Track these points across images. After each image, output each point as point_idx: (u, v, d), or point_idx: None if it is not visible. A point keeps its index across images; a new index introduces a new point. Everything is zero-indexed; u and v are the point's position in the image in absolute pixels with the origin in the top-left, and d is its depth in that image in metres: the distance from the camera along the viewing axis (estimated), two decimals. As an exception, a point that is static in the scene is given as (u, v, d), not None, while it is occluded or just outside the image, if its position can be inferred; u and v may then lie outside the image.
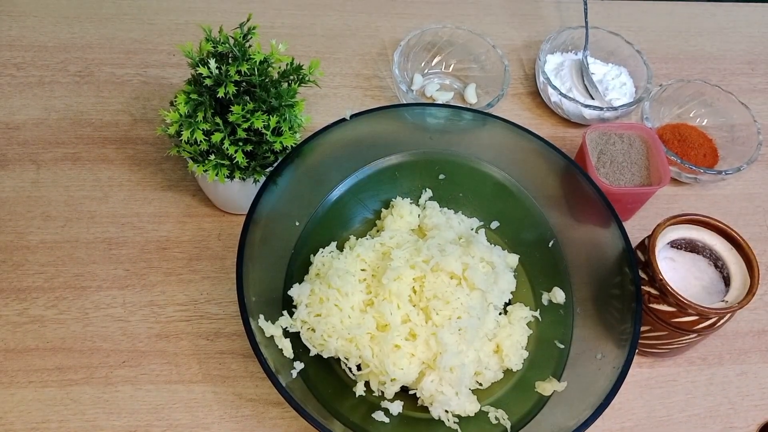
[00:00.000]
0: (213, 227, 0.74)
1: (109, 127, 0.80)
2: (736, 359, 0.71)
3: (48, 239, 0.72)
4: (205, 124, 0.62)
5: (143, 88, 0.84)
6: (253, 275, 0.59)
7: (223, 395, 0.65)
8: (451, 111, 0.70)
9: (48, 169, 0.76)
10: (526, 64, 0.94)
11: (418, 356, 0.60)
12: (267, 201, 0.62)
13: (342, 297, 0.61)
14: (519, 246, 0.72)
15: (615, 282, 0.63)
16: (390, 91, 0.88)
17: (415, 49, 0.87)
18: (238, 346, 0.67)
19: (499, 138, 0.70)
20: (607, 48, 0.90)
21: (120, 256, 0.71)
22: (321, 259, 0.66)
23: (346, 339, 0.60)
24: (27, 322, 0.67)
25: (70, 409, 0.63)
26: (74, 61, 0.85)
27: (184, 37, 0.89)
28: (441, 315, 0.61)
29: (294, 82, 0.67)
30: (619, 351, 0.58)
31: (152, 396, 0.64)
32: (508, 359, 0.63)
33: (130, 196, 0.75)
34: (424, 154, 0.72)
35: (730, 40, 1.00)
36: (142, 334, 0.67)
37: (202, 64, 0.62)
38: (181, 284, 0.70)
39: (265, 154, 0.66)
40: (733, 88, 0.91)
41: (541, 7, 1.01)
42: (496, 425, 0.60)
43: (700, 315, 0.61)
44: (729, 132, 0.85)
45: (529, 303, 0.68)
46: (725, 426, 0.67)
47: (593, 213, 0.66)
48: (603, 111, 0.83)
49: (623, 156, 0.75)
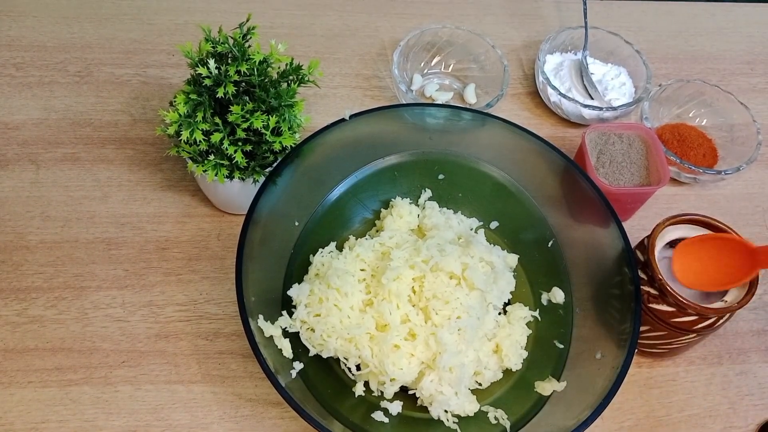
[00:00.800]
0: (212, 227, 0.74)
1: (108, 127, 0.80)
2: (736, 359, 0.71)
3: (47, 239, 0.72)
4: (205, 124, 0.63)
5: (143, 88, 0.84)
6: (252, 275, 0.59)
7: (223, 395, 0.65)
8: (451, 111, 0.71)
9: (47, 169, 0.76)
10: (525, 64, 0.94)
11: (417, 356, 0.60)
12: (266, 201, 0.62)
13: (341, 297, 0.61)
14: (518, 246, 0.72)
15: (614, 282, 0.63)
16: (389, 91, 0.88)
17: (414, 49, 0.87)
18: (237, 346, 0.67)
19: (498, 138, 0.70)
20: (607, 48, 0.91)
21: (119, 257, 0.71)
22: (320, 259, 0.66)
23: (346, 339, 0.60)
24: (26, 322, 0.67)
25: (70, 409, 0.63)
26: (74, 62, 0.85)
27: (183, 37, 0.89)
28: (440, 315, 0.61)
29: (293, 82, 0.67)
30: (619, 351, 0.58)
31: (152, 396, 0.64)
32: (508, 359, 0.63)
33: (130, 196, 0.75)
34: (423, 154, 0.72)
35: (730, 40, 1.00)
36: (142, 334, 0.67)
37: (201, 64, 0.62)
38: (181, 284, 0.70)
39: (265, 154, 0.66)
40: (733, 88, 0.91)
41: (541, 7, 1.01)
42: (495, 425, 0.60)
43: (699, 315, 0.61)
44: (728, 132, 0.85)
45: (528, 303, 0.68)
46: (725, 425, 0.67)
47: (592, 213, 0.66)
48: (602, 111, 0.83)
49: (622, 156, 0.75)
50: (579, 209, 0.68)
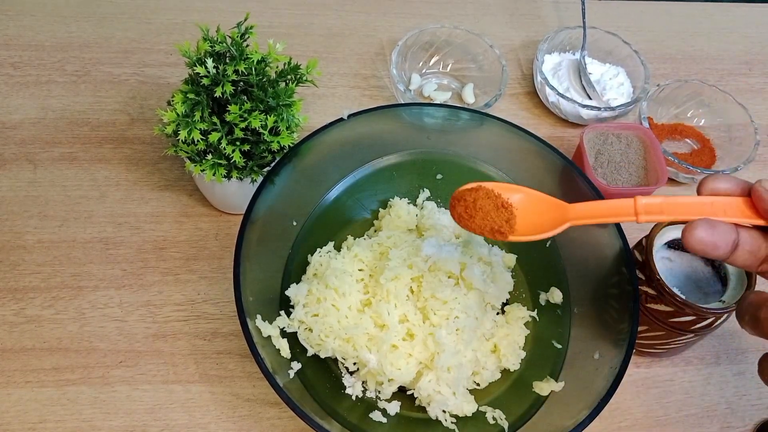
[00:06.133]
0: (210, 227, 0.74)
1: (106, 126, 0.80)
2: (734, 359, 0.71)
3: (45, 239, 0.71)
4: (203, 123, 0.62)
5: (140, 87, 0.84)
6: (250, 275, 0.59)
7: (221, 395, 0.64)
8: (449, 111, 0.70)
9: (45, 168, 0.76)
10: (523, 63, 0.94)
11: (415, 356, 0.60)
12: (264, 201, 0.62)
13: (339, 297, 0.61)
14: (516, 246, 0.72)
15: (612, 282, 0.63)
16: (388, 90, 0.88)
17: (412, 49, 0.87)
18: (235, 346, 0.67)
19: (496, 138, 0.70)
20: (605, 48, 0.91)
21: (117, 256, 0.71)
22: (318, 259, 0.66)
23: (344, 339, 0.60)
24: (24, 322, 0.67)
25: (67, 409, 0.63)
26: (71, 61, 0.85)
27: (181, 36, 0.89)
28: (439, 315, 0.61)
29: (291, 81, 0.66)
30: (617, 351, 0.58)
31: (149, 396, 0.64)
32: (506, 359, 0.63)
33: (127, 195, 0.75)
34: (421, 154, 0.72)
35: (728, 41, 1.00)
36: (139, 334, 0.67)
37: (199, 63, 0.62)
38: (179, 284, 0.70)
39: (263, 153, 0.66)
40: (731, 88, 0.92)
41: (539, 7, 1.01)
42: (493, 425, 0.60)
43: (697, 315, 0.61)
44: (726, 132, 0.85)
45: (526, 303, 0.68)
46: (722, 426, 0.67)
47: (591, 213, 0.66)
48: (600, 111, 0.83)
49: (621, 156, 0.76)
50: (577, 209, 0.68)
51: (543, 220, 0.52)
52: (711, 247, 0.42)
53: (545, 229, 0.51)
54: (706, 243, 0.42)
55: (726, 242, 0.43)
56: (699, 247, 0.42)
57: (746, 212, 0.44)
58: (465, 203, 0.53)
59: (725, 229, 0.43)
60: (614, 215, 0.48)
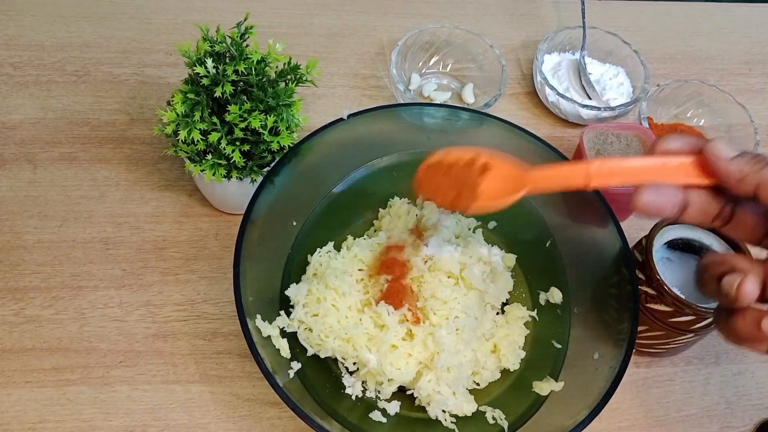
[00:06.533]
0: (210, 227, 0.74)
1: (106, 126, 0.80)
2: (733, 359, 0.71)
3: (45, 239, 0.71)
4: (202, 123, 0.62)
5: (140, 87, 0.84)
6: (250, 275, 0.59)
7: (220, 395, 0.64)
8: (449, 111, 0.70)
9: (45, 168, 0.76)
10: (523, 63, 0.94)
11: (415, 356, 0.60)
12: (264, 201, 0.62)
13: (339, 297, 0.61)
14: (516, 246, 0.72)
15: (612, 282, 0.63)
16: (387, 90, 0.88)
17: (412, 49, 0.87)
18: (235, 346, 0.67)
19: (496, 138, 0.70)
20: (605, 48, 0.91)
21: (117, 256, 0.71)
22: (318, 259, 0.66)
23: (344, 339, 0.60)
24: (23, 322, 0.67)
25: (67, 409, 0.63)
26: (71, 61, 0.85)
27: (181, 36, 0.89)
28: (438, 315, 0.61)
29: (291, 81, 0.66)
30: (617, 351, 0.58)
31: (149, 396, 0.64)
32: (506, 359, 0.63)
33: (127, 195, 0.75)
34: (421, 154, 0.72)
35: (728, 41, 1.00)
36: (139, 334, 0.67)
37: (199, 63, 0.62)
38: (178, 284, 0.70)
39: (263, 153, 0.66)
40: (731, 88, 0.91)
41: (539, 7, 1.01)
42: (493, 425, 0.60)
43: (697, 315, 0.61)
44: (726, 132, 0.85)
45: (526, 303, 0.68)
46: (722, 426, 0.67)
47: (591, 213, 0.66)
48: (600, 111, 0.83)
49: (620, 156, 0.76)
50: (577, 209, 0.68)
51: (506, 187, 0.53)
52: (658, 210, 0.44)
53: (504, 194, 0.52)
54: (652, 206, 0.44)
55: (672, 204, 0.44)
56: (646, 210, 0.44)
57: (696, 172, 0.45)
58: (434, 173, 0.55)
59: (671, 192, 0.44)
60: (567, 178, 0.49)
